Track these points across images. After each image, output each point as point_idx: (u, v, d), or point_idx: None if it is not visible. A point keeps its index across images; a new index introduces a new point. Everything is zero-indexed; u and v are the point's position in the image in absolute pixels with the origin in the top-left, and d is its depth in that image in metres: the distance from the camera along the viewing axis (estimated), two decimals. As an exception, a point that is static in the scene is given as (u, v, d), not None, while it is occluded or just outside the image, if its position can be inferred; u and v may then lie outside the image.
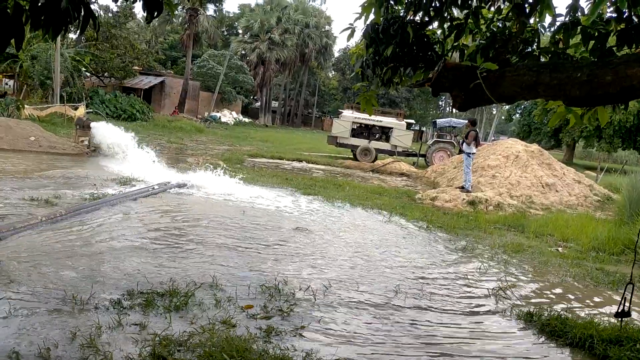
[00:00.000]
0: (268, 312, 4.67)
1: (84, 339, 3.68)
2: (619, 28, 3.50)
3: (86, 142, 15.11)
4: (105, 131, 14.98)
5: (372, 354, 4.10)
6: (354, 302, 5.25)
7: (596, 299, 6.24)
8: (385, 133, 24.28)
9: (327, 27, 61.10)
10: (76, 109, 23.24)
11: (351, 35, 4.05)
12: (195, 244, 6.75)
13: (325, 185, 14.27)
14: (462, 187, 13.79)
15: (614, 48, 3.50)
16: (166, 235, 7.03)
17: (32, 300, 4.33)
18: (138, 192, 9.79)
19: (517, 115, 44.50)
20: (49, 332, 3.76)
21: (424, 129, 44.86)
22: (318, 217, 9.62)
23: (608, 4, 3.53)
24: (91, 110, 26.45)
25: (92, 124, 15.33)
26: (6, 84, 28.03)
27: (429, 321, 4.97)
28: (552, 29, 3.84)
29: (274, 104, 62.13)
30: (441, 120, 27.52)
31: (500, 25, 3.98)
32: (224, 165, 14.88)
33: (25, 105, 21.44)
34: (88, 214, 7.63)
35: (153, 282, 5.02)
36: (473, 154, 14.19)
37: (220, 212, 8.96)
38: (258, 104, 61.35)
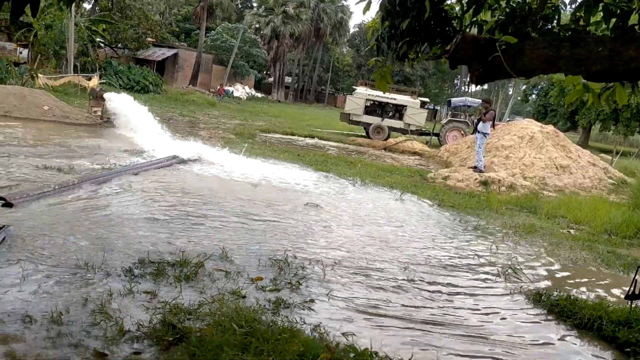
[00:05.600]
0: (277, 285, 4.69)
1: (95, 305, 3.73)
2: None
3: (99, 113, 15.16)
4: (118, 102, 14.99)
5: (381, 328, 4.12)
6: (363, 276, 5.26)
7: (607, 281, 6.20)
8: (398, 111, 24.08)
9: (342, 2, 60.37)
10: (90, 79, 23.29)
11: (367, 8, 3.97)
12: (205, 217, 6.78)
13: (337, 162, 14.24)
14: (475, 167, 13.69)
15: (636, 27, 3.41)
16: (177, 207, 7.06)
17: (45, 266, 4.38)
18: (150, 164, 9.83)
19: (534, 96, 43.91)
20: (61, 297, 3.81)
21: (438, 107, 44.39)
22: (329, 193, 9.61)
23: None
24: (104, 81, 26.49)
25: (106, 95, 15.34)
26: (20, 52, 28.05)
27: (437, 298, 4.98)
28: (573, 6, 3.74)
29: (287, 79, 61.74)
30: (456, 99, 27.21)
31: (520, 1, 3.89)
32: (236, 140, 14.88)
33: (39, 75, 21.47)
34: (100, 183, 7.67)
35: (164, 252, 5.06)
36: (488, 134, 14.04)
37: (231, 186, 8.98)
38: (271, 79, 60.98)
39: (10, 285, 3.93)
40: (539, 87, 39.99)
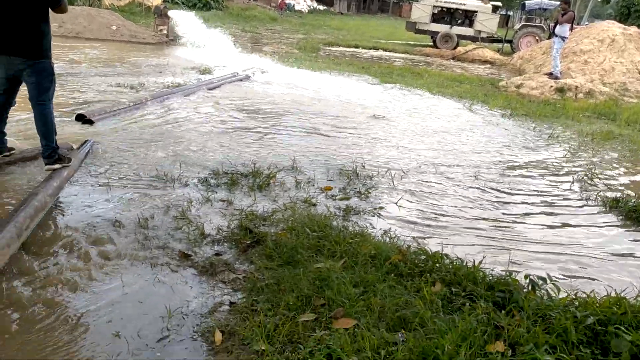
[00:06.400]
0: (346, 193, 4.77)
1: (176, 211, 3.94)
2: None
3: (165, 31, 15.30)
4: (182, 20, 15.04)
5: (451, 233, 4.15)
6: (433, 185, 5.25)
7: (692, 189, 5.90)
8: (468, 17, 22.81)
9: None
10: (153, -2, 23.31)
11: None
12: (274, 130, 6.88)
13: (403, 73, 13.88)
14: (550, 74, 12.97)
15: None
16: (245, 121, 7.19)
17: (127, 177, 4.63)
18: (217, 79, 9.95)
19: (617, -5, 40.28)
20: (144, 205, 4.04)
21: (510, 12, 41.72)
22: (395, 105, 9.45)
23: None
24: (168, -1, 26.45)
25: (170, 13, 15.40)
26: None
27: (508, 205, 4.92)
28: None
29: (350, -10, 59.49)
30: (530, 1, 25.34)
31: None
32: (300, 54, 14.71)
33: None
34: (170, 100, 7.87)
35: (236, 164, 5.21)
36: (566, 37, 13.13)
37: (296, 99, 8.99)
38: (333, -10, 58.96)
39: (97, 194, 4.20)
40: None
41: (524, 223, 4.57)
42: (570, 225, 4.61)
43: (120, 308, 2.74)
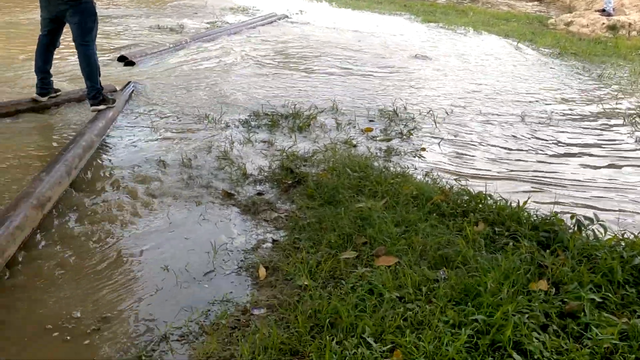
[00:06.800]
0: (388, 134, 4.71)
1: (219, 152, 3.98)
2: None
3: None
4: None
5: (494, 177, 4.07)
6: (477, 127, 5.13)
7: None
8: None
9: None
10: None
11: None
12: (314, 71, 6.79)
13: (447, 11, 13.39)
14: (603, 10, 12.27)
15: None
16: (284, 62, 7.12)
17: (169, 118, 4.69)
18: (256, 20, 9.81)
19: None
20: (187, 145, 4.10)
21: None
22: (438, 44, 9.17)
23: None
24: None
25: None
26: None
27: (555, 148, 4.78)
28: None
29: None
30: None
31: None
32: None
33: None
34: (210, 41, 7.83)
35: (276, 106, 5.20)
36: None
37: (336, 40, 8.81)
38: None
39: (142, 135, 4.28)
40: None
41: (571, 165, 4.44)
42: (619, 167, 4.46)
43: (167, 243, 2.82)
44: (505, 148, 4.67)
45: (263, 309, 2.30)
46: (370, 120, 5.04)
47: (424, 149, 4.42)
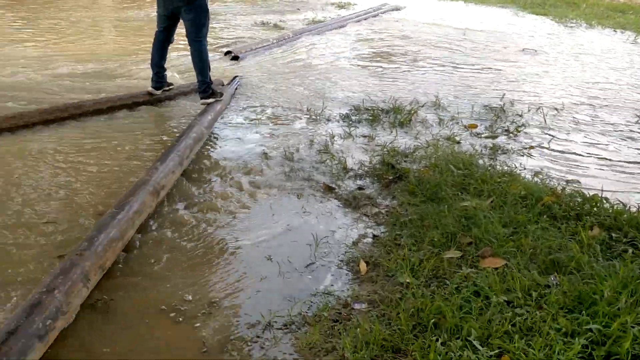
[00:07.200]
0: (493, 131, 4.54)
1: (320, 145, 4.02)
2: None
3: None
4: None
5: (609, 179, 3.80)
6: (589, 125, 4.82)
7: None
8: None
9: None
10: None
11: None
12: (416, 65, 6.69)
13: (556, 3, 12.67)
14: None
15: None
16: (386, 56, 7.06)
17: (272, 111, 4.80)
18: (357, 14, 9.82)
19: None
20: (289, 139, 4.17)
21: None
22: (547, 38, 8.72)
23: None
24: None
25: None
26: None
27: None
28: None
29: None
30: None
31: None
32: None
33: None
34: (312, 36, 7.93)
35: (377, 100, 5.17)
36: None
37: (440, 33, 8.63)
38: None
39: (246, 127, 4.41)
40: None
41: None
42: None
43: (270, 234, 2.89)
44: (620, 150, 4.34)
45: (364, 303, 2.29)
46: (475, 117, 4.87)
47: (532, 147, 4.21)
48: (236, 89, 5.28)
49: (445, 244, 2.68)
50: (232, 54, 6.53)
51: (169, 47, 4.79)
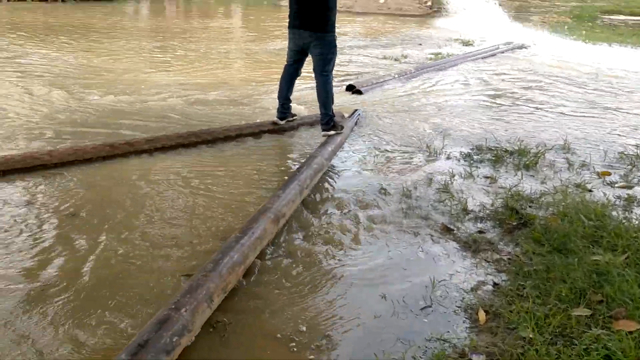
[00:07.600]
0: (629, 181, 4.20)
1: (439, 184, 3.96)
2: None
3: (429, 3, 15.34)
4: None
5: None
6: None
7: None
8: None
9: None
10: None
11: None
12: (543, 105, 6.43)
13: None
14: None
15: None
16: (510, 95, 6.85)
17: (391, 146, 4.80)
18: (480, 52, 9.64)
19: None
20: (408, 175, 4.14)
21: None
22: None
23: None
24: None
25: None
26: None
27: None
28: None
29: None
30: None
31: None
32: (574, 24, 13.37)
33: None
34: (434, 72, 7.89)
35: (501, 140, 5.01)
36: None
37: (569, 74, 8.23)
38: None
39: (365, 161, 4.45)
40: None
41: None
42: None
43: (385, 271, 2.86)
44: None
45: (482, 355, 2.19)
46: (608, 164, 4.56)
47: (675, 201, 3.84)
48: (356, 122, 5.36)
49: (573, 300, 2.50)
50: (355, 88, 6.65)
51: (296, 80, 4.99)
